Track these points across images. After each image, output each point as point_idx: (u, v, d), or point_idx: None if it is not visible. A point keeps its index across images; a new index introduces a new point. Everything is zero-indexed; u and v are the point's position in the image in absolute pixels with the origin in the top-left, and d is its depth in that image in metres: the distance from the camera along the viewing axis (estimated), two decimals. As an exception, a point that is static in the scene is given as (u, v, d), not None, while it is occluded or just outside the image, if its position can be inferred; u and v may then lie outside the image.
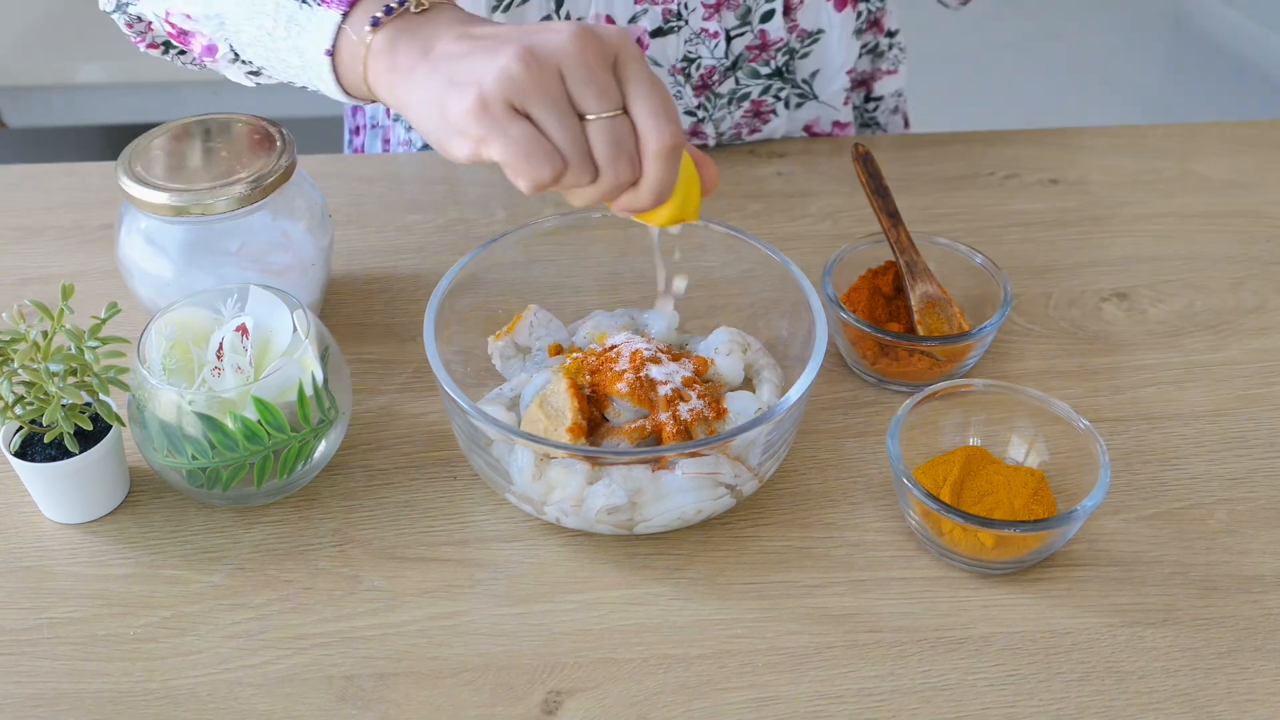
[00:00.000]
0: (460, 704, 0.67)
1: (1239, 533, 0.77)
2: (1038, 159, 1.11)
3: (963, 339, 0.83)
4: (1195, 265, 0.99)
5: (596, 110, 0.60)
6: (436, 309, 0.77)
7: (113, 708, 0.66)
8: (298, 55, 0.70)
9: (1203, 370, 0.88)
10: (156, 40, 0.84)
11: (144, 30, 0.84)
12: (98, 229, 1.01)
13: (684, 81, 1.03)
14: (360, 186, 1.05)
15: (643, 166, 0.62)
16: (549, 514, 0.73)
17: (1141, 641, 0.70)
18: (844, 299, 0.88)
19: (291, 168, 0.84)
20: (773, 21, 1.02)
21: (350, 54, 0.67)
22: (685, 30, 1.00)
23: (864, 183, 0.93)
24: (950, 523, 0.71)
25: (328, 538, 0.76)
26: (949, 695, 0.67)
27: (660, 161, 0.61)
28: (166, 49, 0.85)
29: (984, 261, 0.89)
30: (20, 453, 0.74)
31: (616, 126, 0.60)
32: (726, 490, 0.73)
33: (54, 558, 0.74)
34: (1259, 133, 1.15)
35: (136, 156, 0.83)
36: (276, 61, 0.72)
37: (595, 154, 0.61)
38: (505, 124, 0.59)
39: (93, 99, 2.70)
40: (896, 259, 0.89)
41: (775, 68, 1.05)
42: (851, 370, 0.88)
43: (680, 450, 0.70)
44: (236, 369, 0.73)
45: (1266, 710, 0.67)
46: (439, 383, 0.72)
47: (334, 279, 0.95)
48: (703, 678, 0.68)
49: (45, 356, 0.70)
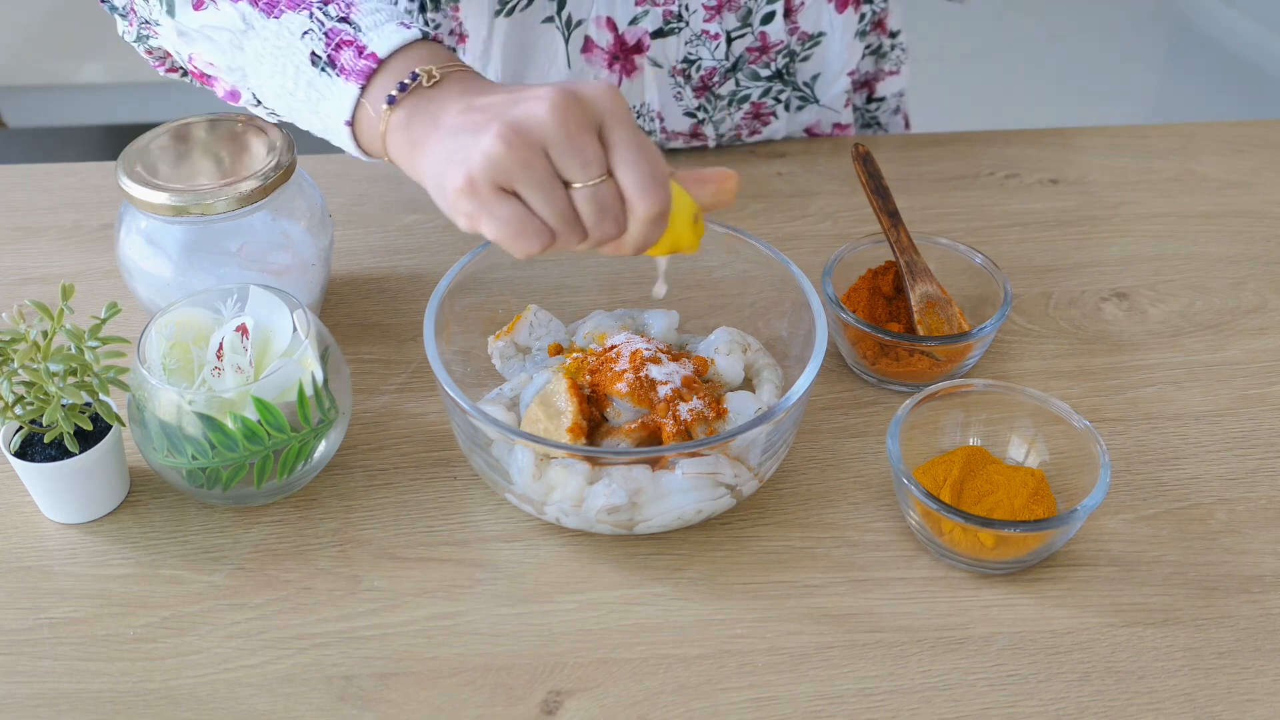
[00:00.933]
0: (460, 704, 0.67)
1: (1239, 533, 0.77)
2: (1038, 159, 1.11)
3: (963, 339, 0.83)
4: (1195, 265, 0.99)
5: (581, 179, 0.62)
6: (436, 309, 0.77)
7: (113, 708, 0.66)
8: (319, 119, 0.71)
9: (1203, 370, 0.88)
10: (176, 66, 0.85)
11: (163, 57, 0.85)
12: (98, 229, 1.01)
13: (684, 83, 1.03)
14: (360, 186, 1.05)
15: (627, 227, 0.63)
16: (549, 514, 0.73)
17: (1141, 641, 0.70)
18: (844, 299, 0.88)
19: (291, 168, 0.84)
20: (773, 24, 1.02)
21: (369, 125, 0.68)
22: (686, 32, 1.00)
23: (864, 183, 0.93)
24: (950, 523, 0.71)
25: (328, 538, 0.76)
26: (949, 695, 0.67)
27: (645, 226, 0.63)
28: (185, 73, 0.85)
29: (984, 261, 0.89)
30: (20, 453, 0.74)
31: (601, 194, 0.62)
32: (726, 490, 0.73)
33: (54, 558, 0.74)
34: (1259, 133, 1.15)
35: (136, 156, 0.83)
36: (298, 118, 0.74)
37: (582, 219, 0.63)
38: (493, 205, 0.62)
39: (93, 99, 2.70)
40: (896, 259, 0.89)
41: (775, 70, 1.05)
42: (851, 370, 0.88)
43: (680, 450, 0.70)
44: (236, 369, 0.73)
45: (1266, 710, 0.67)
46: (439, 383, 0.72)
47: (334, 279, 0.95)
48: (703, 678, 0.68)
49: (45, 356, 0.70)
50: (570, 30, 1.00)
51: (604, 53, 1.01)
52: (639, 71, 1.02)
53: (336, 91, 0.69)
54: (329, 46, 0.69)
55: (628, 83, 1.03)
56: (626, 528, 0.73)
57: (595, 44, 1.00)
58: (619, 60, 1.01)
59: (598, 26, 1.00)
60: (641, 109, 1.05)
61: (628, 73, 1.02)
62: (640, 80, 1.03)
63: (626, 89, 1.03)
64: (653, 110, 1.05)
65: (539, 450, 0.71)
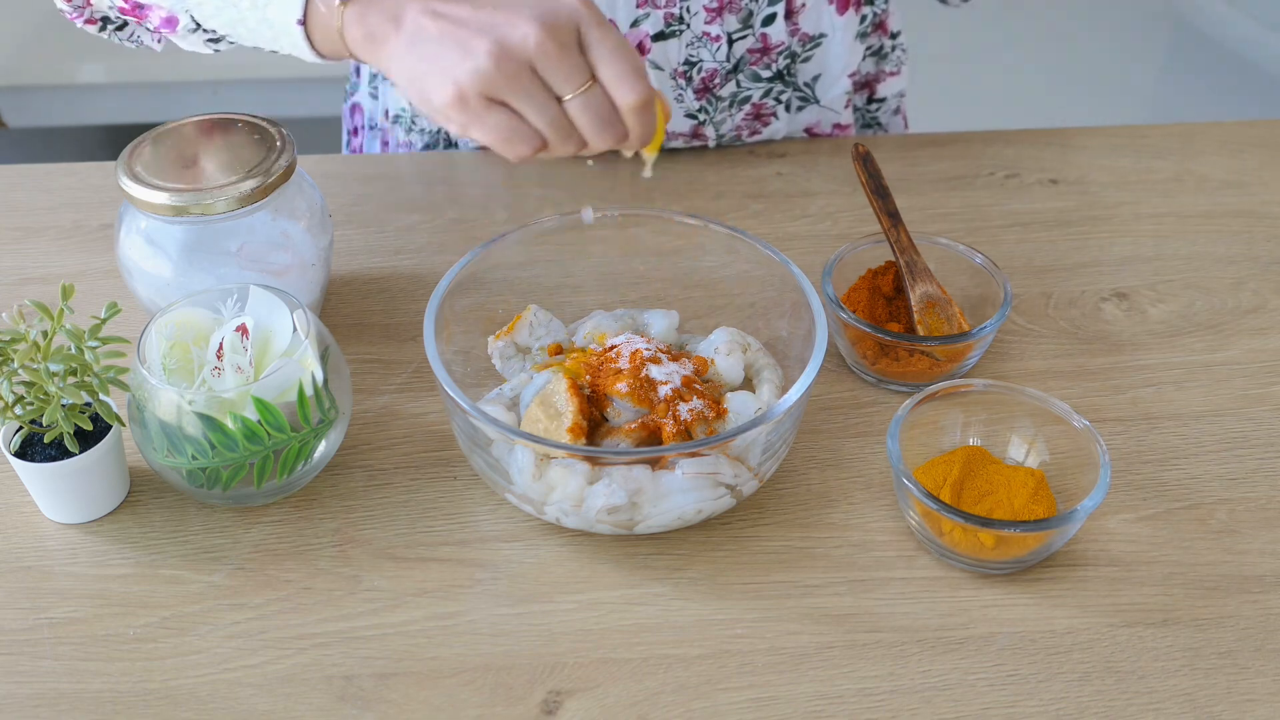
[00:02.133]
0: (460, 704, 0.67)
1: (1239, 533, 0.77)
2: (1038, 159, 1.11)
3: (963, 339, 0.83)
4: (1195, 265, 0.99)
5: (570, 91, 0.67)
6: (437, 309, 0.77)
7: (113, 708, 0.66)
8: (267, 26, 0.73)
9: (1203, 370, 0.88)
10: (95, 15, 0.85)
11: (82, 5, 0.85)
12: (98, 229, 1.01)
13: (685, 85, 1.03)
14: (360, 186, 1.05)
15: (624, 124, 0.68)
16: (549, 514, 0.73)
17: (1141, 641, 0.70)
18: (844, 299, 0.88)
19: (291, 168, 0.84)
20: (774, 25, 1.02)
21: (322, 23, 0.71)
22: (687, 34, 1.00)
23: (864, 183, 0.93)
24: (950, 523, 0.71)
25: (328, 538, 0.76)
26: (949, 695, 0.67)
27: (637, 115, 0.69)
28: (104, 25, 0.85)
29: (984, 261, 0.89)
30: (20, 453, 0.74)
31: (591, 100, 0.67)
32: (726, 490, 0.73)
33: (54, 558, 0.74)
34: (1259, 133, 1.15)
35: (136, 156, 0.83)
36: (244, 31, 0.75)
37: (580, 129, 0.68)
38: (483, 114, 0.66)
39: (93, 99, 2.70)
40: (896, 259, 0.89)
41: (776, 71, 1.05)
42: (851, 370, 0.88)
43: (680, 450, 0.70)
44: (236, 369, 0.73)
45: (1266, 710, 0.67)
46: (439, 383, 0.72)
47: (334, 279, 0.95)
48: (703, 678, 0.68)
49: (45, 356, 0.70)
50: None
51: None
52: None
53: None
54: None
55: None
56: (626, 528, 0.73)
57: None
58: None
59: None
60: None
61: None
62: None
63: None
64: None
65: (539, 450, 0.71)
